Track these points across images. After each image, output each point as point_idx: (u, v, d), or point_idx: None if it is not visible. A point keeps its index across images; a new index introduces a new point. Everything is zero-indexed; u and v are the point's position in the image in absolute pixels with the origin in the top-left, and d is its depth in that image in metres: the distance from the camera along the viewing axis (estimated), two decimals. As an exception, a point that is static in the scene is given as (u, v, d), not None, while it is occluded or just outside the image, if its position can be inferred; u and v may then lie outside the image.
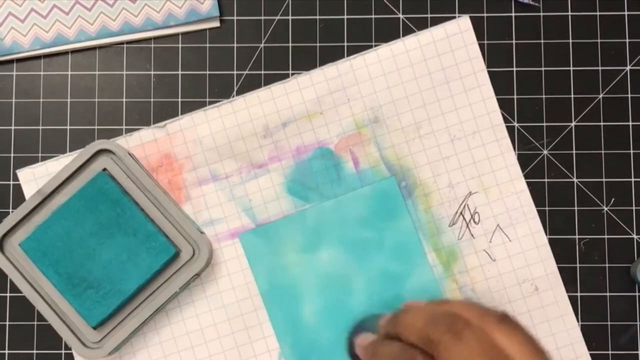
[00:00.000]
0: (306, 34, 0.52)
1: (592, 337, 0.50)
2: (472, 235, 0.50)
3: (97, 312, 0.48)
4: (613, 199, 0.50)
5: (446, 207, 0.50)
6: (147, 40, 0.52)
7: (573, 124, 0.51)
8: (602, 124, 0.51)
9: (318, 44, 0.52)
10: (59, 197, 0.49)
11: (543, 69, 0.51)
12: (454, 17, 0.51)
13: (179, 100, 0.52)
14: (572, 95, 0.51)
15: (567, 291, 0.50)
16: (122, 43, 0.52)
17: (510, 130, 0.51)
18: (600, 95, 0.51)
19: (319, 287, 0.50)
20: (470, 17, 0.51)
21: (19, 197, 0.51)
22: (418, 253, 0.50)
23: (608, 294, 0.50)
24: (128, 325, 0.48)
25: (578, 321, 0.50)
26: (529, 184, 0.50)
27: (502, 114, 0.51)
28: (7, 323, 0.51)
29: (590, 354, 0.49)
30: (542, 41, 0.51)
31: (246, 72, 0.52)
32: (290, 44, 0.52)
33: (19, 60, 0.52)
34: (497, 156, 0.50)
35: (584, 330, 0.50)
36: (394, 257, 0.50)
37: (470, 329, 0.35)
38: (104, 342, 0.48)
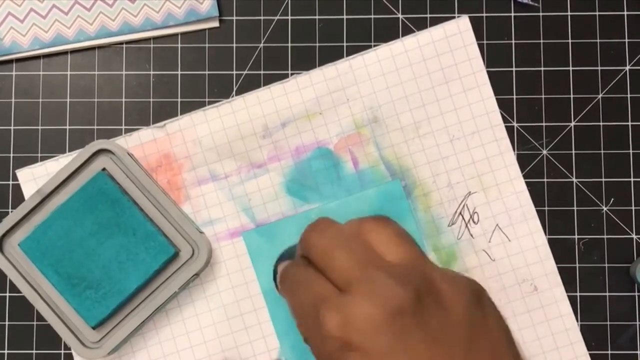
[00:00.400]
0: (305, 34, 0.52)
1: (591, 337, 0.50)
2: (472, 235, 0.50)
3: (96, 312, 0.48)
4: (612, 199, 0.50)
5: (445, 207, 0.50)
6: (146, 40, 0.52)
7: (572, 124, 0.51)
8: (601, 124, 0.51)
9: (317, 44, 0.52)
10: (59, 197, 0.49)
11: (542, 69, 0.51)
12: (453, 17, 0.51)
13: (178, 100, 0.52)
14: (572, 95, 0.51)
15: (567, 291, 0.50)
16: (121, 43, 0.52)
17: (510, 130, 0.51)
18: (600, 95, 0.51)
19: None
20: (470, 17, 0.51)
21: (19, 197, 0.51)
22: None
23: (607, 294, 0.50)
24: (127, 325, 0.48)
25: (577, 321, 0.50)
26: (528, 184, 0.50)
27: (502, 114, 0.51)
28: (7, 323, 0.51)
29: (590, 354, 0.49)
30: (541, 41, 0.51)
31: (245, 72, 0.52)
32: (289, 44, 0.52)
33: (18, 60, 0.52)
34: (497, 156, 0.50)
35: (584, 330, 0.50)
36: None
37: (336, 226, 0.35)
38: (103, 342, 0.48)
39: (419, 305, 0.31)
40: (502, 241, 0.50)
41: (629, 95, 0.51)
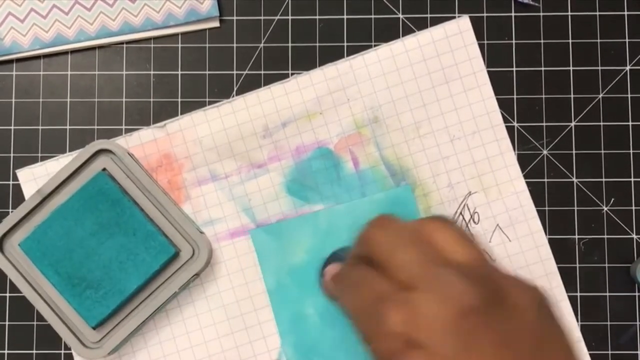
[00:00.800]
0: (306, 34, 0.52)
1: (592, 337, 0.50)
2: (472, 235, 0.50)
3: (96, 312, 0.48)
4: (613, 199, 0.50)
5: (446, 207, 0.50)
6: (146, 40, 0.52)
7: (573, 124, 0.51)
8: (601, 124, 0.51)
9: (318, 44, 0.52)
10: (59, 197, 0.49)
11: (543, 69, 0.51)
12: (454, 17, 0.51)
13: (179, 100, 0.52)
14: (572, 95, 0.51)
15: (567, 291, 0.50)
16: (121, 43, 0.52)
17: (510, 130, 0.51)
18: (600, 95, 0.51)
19: None
20: (470, 17, 0.51)
21: (19, 197, 0.51)
22: None
23: (608, 294, 0.50)
24: (128, 325, 0.48)
25: (578, 321, 0.50)
26: (528, 184, 0.50)
27: (502, 114, 0.51)
28: (7, 323, 0.51)
29: (590, 354, 0.49)
30: (541, 41, 0.51)
31: (246, 72, 0.52)
32: (289, 44, 0.52)
33: (18, 60, 0.52)
34: (497, 156, 0.50)
35: (584, 330, 0.50)
36: None
37: (399, 224, 0.35)
38: (103, 342, 0.48)
39: (489, 307, 0.30)
40: (503, 241, 0.50)
41: (629, 95, 0.51)
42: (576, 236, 0.50)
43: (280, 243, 0.50)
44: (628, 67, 0.51)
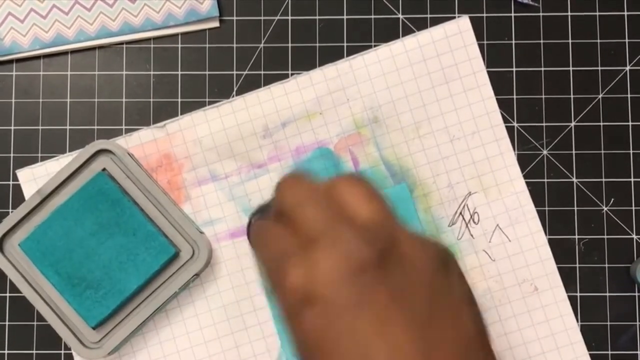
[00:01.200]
0: (306, 34, 0.52)
1: (591, 337, 0.50)
2: (472, 236, 0.50)
3: (96, 312, 0.48)
4: (613, 199, 0.50)
5: (446, 207, 0.50)
6: (146, 40, 0.52)
7: (573, 124, 0.51)
8: (601, 124, 0.51)
9: (317, 44, 0.52)
10: (59, 197, 0.49)
11: (543, 69, 0.51)
12: (454, 17, 0.51)
13: (179, 100, 0.52)
14: (572, 96, 0.51)
15: (567, 291, 0.50)
16: (121, 43, 0.52)
17: (510, 130, 0.51)
18: (600, 96, 0.51)
19: None
20: (470, 17, 0.51)
21: (19, 197, 0.51)
22: None
23: (608, 294, 0.50)
24: (128, 325, 0.48)
25: (578, 321, 0.50)
26: (528, 184, 0.50)
27: (502, 114, 0.51)
28: (7, 323, 0.51)
29: (590, 354, 0.49)
30: (541, 41, 0.51)
31: (246, 72, 0.52)
32: (289, 44, 0.52)
33: (18, 60, 0.52)
34: (497, 156, 0.50)
35: (584, 330, 0.50)
36: None
37: (310, 184, 0.35)
38: (103, 342, 0.48)
39: (382, 263, 0.31)
40: (503, 241, 0.50)
41: (629, 95, 0.51)
42: (576, 236, 0.50)
43: None
44: (628, 67, 0.51)
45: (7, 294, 0.51)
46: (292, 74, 0.51)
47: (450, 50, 0.51)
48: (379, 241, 0.32)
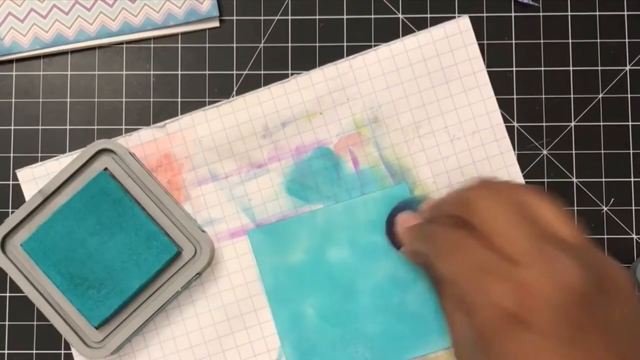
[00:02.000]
0: (306, 34, 0.52)
1: (591, 336, 0.50)
2: (472, 235, 0.50)
3: (99, 311, 0.48)
4: (613, 199, 0.50)
5: (446, 206, 0.50)
6: (146, 40, 0.52)
7: (573, 124, 0.51)
8: (601, 124, 0.51)
9: (317, 44, 0.52)
10: (60, 197, 0.49)
11: (543, 69, 0.51)
12: (454, 17, 0.51)
13: (179, 100, 0.52)
14: (572, 95, 0.51)
15: (567, 291, 0.50)
16: (121, 43, 0.52)
17: (510, 130, 0.51)
18: (600, 95, 0.51)
19: (324, 289, 0.50)
20: (470, 17, 0.51)
21: (19, 197, 0.51)
22: None
23: (607, 294, 0.50)
24: (130, 324, 0.48)
25: (577, 321, 0.50)
26: (528, 183, 0.50)
27: (502, 114, 0.51)
28: (7, 323, 0.51)
29: (590, 354, 0.49)
30: (541, 41, 0.51)
31: (246, 72, 0.52)
32: (289, 44, 0.52)
33: (18, 60, 0.52)
34: (497, 156, 0.50)
35: (583, 330, 0.50)
36: (401, 263, 0.49)
37: (502, 191, 0.34)
38: (106, 342, 0.48)
39: (595, 292, 0.29)
40: (502, 241, 0.50)
41: (629, 95, 0.51)
42: (576, 236, 0.50)
43: (278, 243, 0.50)
44: (628, 67, 0.51)
45: (7, 294, 0.51)
46: (292, 74, 0.51)
47: (450, 50, 0.51)
48: (586, 265, 0.30)
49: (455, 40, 0.51)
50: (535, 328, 0.29)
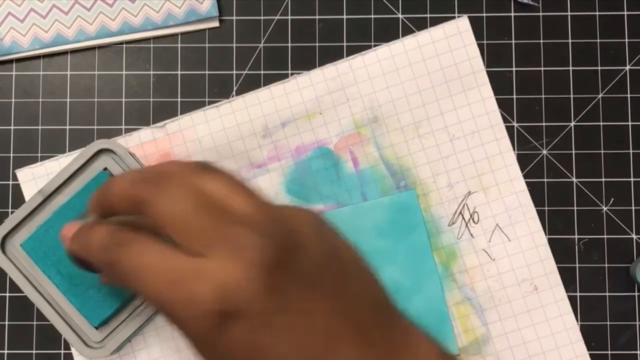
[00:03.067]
0: (305, 34, 0.52)
1: (591, 337, 0.50)
2: (472, 235, 0.50)
3: (99, 311, 0.48)
4: (612, 199, 0.50)
5: (445, 206, 0.50)
6: (146, 40, 0.52)
7: (572, 124, 0.51)
8: (601, 124, 0.51)
9: (317, 44, 0.52)
10: (60, 197, 0.49)
11: (542, 69, 0.51)
12: (453, 17, 0.51)
13: (178, 100, 0.52)
14: (572, 95, 0.51)
15: (567, 291, 0.50)
16: (121, 43, 0.52)
17: (510, 130, 0.51)
18: (600, 95, 0.51)
19: None
20: (470, 17, 0.51)
21: (19, 197, 0.51)
22: (430, 269, 0.49)
23: (607, 294, 0.50)
24: (130, 324, 0.48)
25: (577, 321, 0.50)
26: (528, 183, 0.50)
27: (502, 114, 0.51)
28: (7, 323, 0.51)
29: (590, 354, 0.49)
30: (541, 41, 0.51)
31: (245, 72, 0.52)
32: (289, 44, 0.52)
33: (18, 60, 0.52)
34: (497, 156, 0.50)
35: (584, 330, 0.50)
36: (405, 270, 0.49)
37: (173, 179, 0.31)
38: (106, 342, 0.48)
39: (286, 254, 0.29)
40: (502, 241, 0.50)
41: (629, 95, 0.51)
42: (576, 236, 0.50)
43: None
44: (628, 67, 0.51)
45: (7, 294, 0.51)
46: (292, 74, 0.51)
47: (449, 50, 0.51)
48: (275, 232, 0.29)
49: (454, 40, 0.51)
50: (244, 314, 0.28)
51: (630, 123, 0.51)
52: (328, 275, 0.30)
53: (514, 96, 0.51)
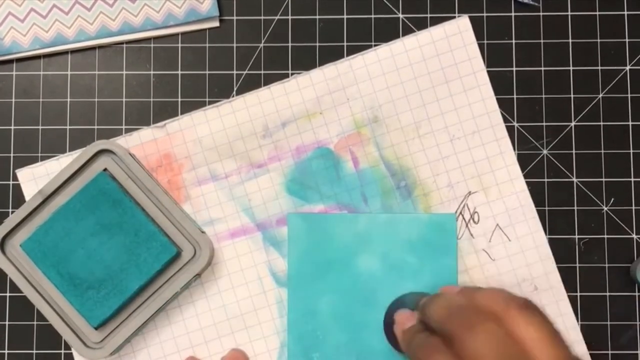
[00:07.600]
0: (306, 34, 0.52)
1: (591, 337, 0.50)
2: (472, 235, 0.50)
3: (98, 312, 0.48)
4: (613, 199, 0.50)
5: (446, 206, 0.50)
6: (146, 40, 0.52)
7: (573, 123, 0.51)
8: (601, 123, 0.51)
9: (317, 44, 0.52)
10: (60, 197, 0.49)
11: (543, 68, 0.51)
12: (454, 17, 0.51)
13: (179, 100, 0.52)
14: (572, 95, 0.51)
15: (567, 291, 0.50)
16: (121, 43, 0.52)
17: (510, 130, 0.51)
18: (600, 95, 0.51)
19: (344, 291, 0.50)
20: (470, 16, 0.51)
21: (19, 197, 0.51)
22: None
23: (608, 294, 0.50)
24: (130, 325, 0.48)
25: (578, 321, 0.50)
26: (528, 183, 0.50)
27: (502, 114, 0.51)
28: (7, 323, 0.51)
29: (590, 354, 0.49)
30: (541, 41, 0.51)
31: (246, 72, 0.52)
32: (289, 44, 0.52)
33: (18, 60, 0.52)
34: (497, 156, 0.50)
35: (584, 330, 0.50)
36: (427, 290, 0.49)
37: (484, 323, 0.34)
38: (105, 342, 0.48)
39: None
40: (502, 241, 0.50)
41: (629, 95, 0.51)
42: (576, 236, 0.50)
43: (314, 234, 0.50)
44: (628, 67, 0.51)
45: (7, 294, 0.51)
46: (292, 74, 0.51)
47: (450, 49, 0.51)
48: None
49: (455, 40, 0.51)
50: None
51: (630, 123, 0.51)
52: None
53: (514, 96, 0.51)
